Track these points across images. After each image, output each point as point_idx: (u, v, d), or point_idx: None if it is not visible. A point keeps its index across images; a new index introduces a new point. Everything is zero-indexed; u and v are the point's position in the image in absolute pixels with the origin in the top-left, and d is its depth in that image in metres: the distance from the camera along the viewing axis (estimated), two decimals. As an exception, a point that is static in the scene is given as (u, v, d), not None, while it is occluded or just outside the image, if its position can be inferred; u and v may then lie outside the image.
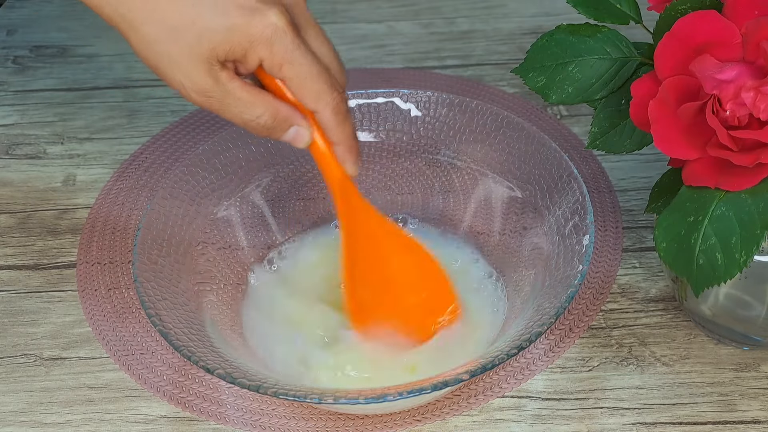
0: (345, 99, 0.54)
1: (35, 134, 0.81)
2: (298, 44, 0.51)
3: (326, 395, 0.49)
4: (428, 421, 0.58)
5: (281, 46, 0.51)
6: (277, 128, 0.54)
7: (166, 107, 0.83)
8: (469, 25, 0.92)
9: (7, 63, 0.89)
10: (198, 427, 0.58)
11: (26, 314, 0.66)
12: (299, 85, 0.53)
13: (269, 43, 0.51)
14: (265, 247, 0.66)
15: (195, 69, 0.52)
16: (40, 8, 0.96)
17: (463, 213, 0.66)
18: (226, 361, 0.52)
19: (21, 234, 0.72)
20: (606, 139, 0.57)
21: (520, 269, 0.61)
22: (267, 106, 0.53)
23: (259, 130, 0.54)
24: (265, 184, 0.66)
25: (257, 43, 0.51)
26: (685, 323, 0.63)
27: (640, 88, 0.53)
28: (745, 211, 0.50)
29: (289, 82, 0.53)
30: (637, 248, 0.68)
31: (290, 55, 0.51)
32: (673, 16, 0.52)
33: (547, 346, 0.62)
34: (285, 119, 0.54)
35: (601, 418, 0.58)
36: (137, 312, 0.65)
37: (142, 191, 0.75)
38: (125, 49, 0.89)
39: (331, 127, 0.54)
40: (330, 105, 0.53)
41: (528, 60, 0.58)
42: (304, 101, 0.53)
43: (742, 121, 0.49)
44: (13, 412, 0.60)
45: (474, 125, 0.65)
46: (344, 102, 0.54)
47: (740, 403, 0.58)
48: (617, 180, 0.73)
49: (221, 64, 0.52)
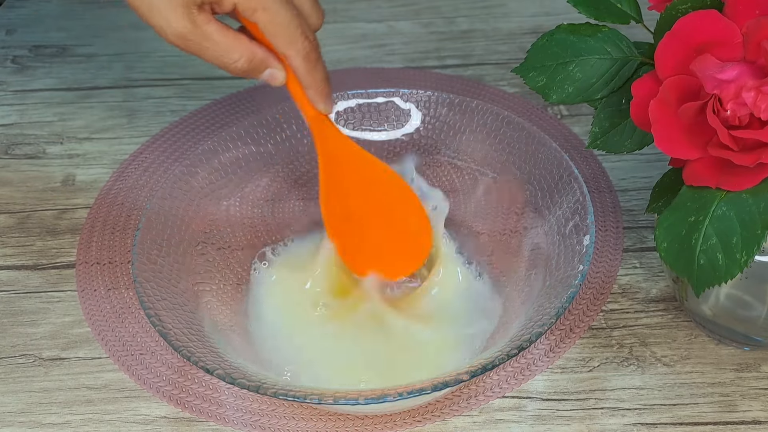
0: (316, 46, 0.57)
1: (34, 134, 0.81)
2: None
3: (326, 396, 0.49)
4: (428, 421, 0.58)
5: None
6: (253, 70, 0.57)
7: (165, 107, 0.83)
8: (469, 25, 0.92)
9: (7, 63, 0.89)
10: (197, 427, 0.58)
11: (25, 314, 0.66)
12: (271, 31, 0.55)
13: None
14: (265, 247, 0.66)
15: (173, 12, 0.53)
16: (39, 8, 0.96)
17: (463, 213, 0.66)
18: (225, 361, 0.52)
19: (20, 234, 0.72)
20: (606, 139, 0.57)
21: (521, 269, 0.61)
22: (243, 51, 0.56)
23: (236, 72, 0.56)
24: (265, 184, 0.66)
25: None
26: (685, 323, 0.63)
27: (640, 88, 0.53)
28: (746, 211, 0.50)
29: (261, 27, 0.55)
30: (637, 248, 0.68)
31: (264, 1, 0.54)
32: (674, 15, 0.52)
33: (547, 347, 0.62)
34: (261, 62, 0.56)
35: (602, 418, 0.58)
36: (137, 312, 0.65)
37: (141, 191, 0.74)
38: (125, 49, 0.90)
39: (301, 72, 0.57)
40: (300, 52, 0.56)
41: (528, 60, 0.58)
42: (276, 46, 0.56)
43: (742, 120, 0.49)
44: (12, 412, 0.59)
45: (474, 125, 0.65)
46: (315, 49, 0.57)
47: (741, 404, 0.58)
48: (618, 180, 0.73)
49: (198, 6, 0.54)
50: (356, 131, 0.67)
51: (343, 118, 0.67)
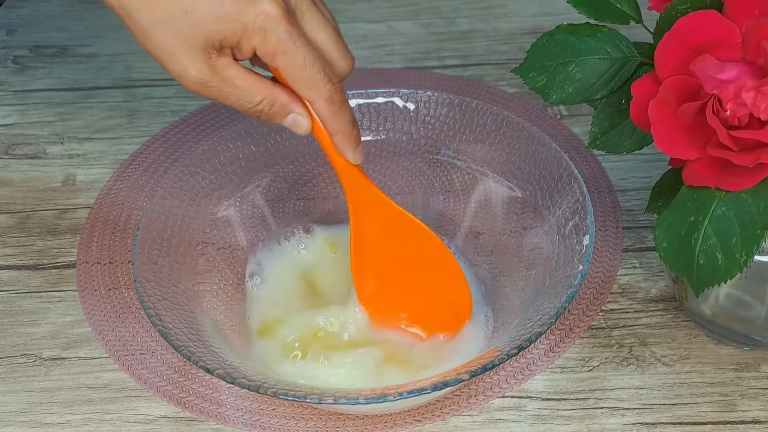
0: (340, 89, 0.54)
1: (35, 134, 0.81)
2: (290, 33, 0.51)
3: (326, 395, 0.49)
4: (428, 421, 0.58)
5: (274, 35, 0.51)
6: (275, 115, 0.54)
7: (165, 107, 0.83)
8: (469, 25, 0.92)
9: (7, 63, 0.89)
10: (198, 427, 0.58)
11: (26, 314, 0.66)
12: (292, 75, 0.53)
13: (262, 32, 0.51)
14: (265, 246, 0.66)
15: (191, 59, 0.51)
16: (39, 8, 0.96)
17: (463, 213, 0.66)
18: (225, 361, 0.52)
19: (21, 234, 0.72)
20: (606, 139, 0.57)
21: (520, 269, 0.61)
22: (265, 94, 0.53)
23: (258, 115, 0.54)
24: (265, 184, 0.66)
25: (250, 32, 0.51)
26: (685, 323, 0.63)
27: (640, 88, 0.53)
28: (746, 211, 0.50)
29: (282, 71, 0.53)
30: (637, 248, 0.68)
31: (283, 45, 0.51)
32: (674, 15, 0.52)
33: (547, 346, 0.62)
34: (283, 106, 0.54)
35: (602, 418, 0.58)
36: (137, 312, 0.65)
37: (141, 191, 0.75)
38: (125, 49, 0.90)
39: (326, 116, 0.54)
40: (323, 95, 0.53)
41: (528, 60, 0.58)
42: (298, 90, 0.53)
43: (742, 121, 0.49)
44: (12, 412, 0.60)
45: (474, 125, 0.65)
46: (339, 92, 0.54)
47: (741, 403, 0.58)
48: (617, 180, 0.73)
49: (218, 51, 0.51)
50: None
51: (343, 118, 0.67)
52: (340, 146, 0.56)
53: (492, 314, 0.61)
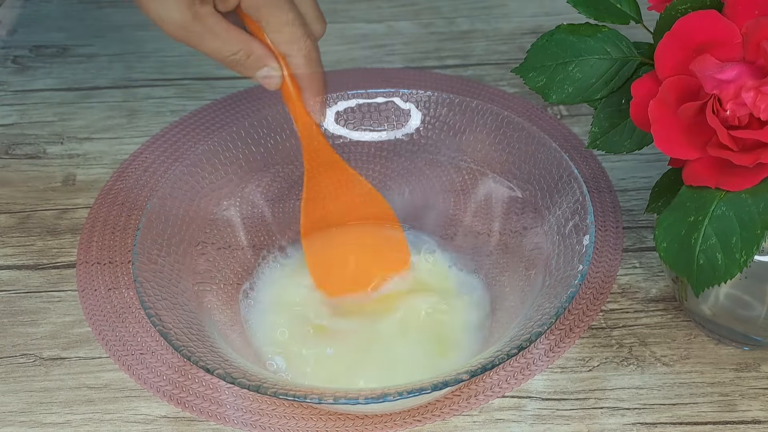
0: (317, 47, 0.57)
1: (35, 134, 0.81)
2: None
3: (326, 395, 0.49)
4: (428, 421, 0.58)
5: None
6: (250, 66, 0.57)
7: (165, 107, 0.83)
8: (469, 25, 0.92)
9: (7, 63, 0.89)
10: (198, 427, 0.58)
11: (26, 314, 0.66)
12: (274, 29, 0.55)
13: None
14: (265, 247, 0.66)
15: (175, 3, 0.53)
16: (40, 8, 0.96)
17: (463, 213, 0.66)
18: (226, 361, 0.52)
19: (21, 234, 0.72)
20: (606, 139, 0.57)
21: (520, 269, 0.61)
22: (242, 45, 0.56)
23: (233, 65, 0.57)
24: (265, 184, 0.66)
25: None
26: (685, 323, 0.63)
27: (640, 88, 0.53)
28: (746, 211, 0.50)
29: (264, 24, 0.55)
30: (637, 248, 0.68)
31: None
32: (674, 15, 0.52)
33: (547, 346, 0.62)
34: (258, 59, 0.56)
35: (602, 418, 0.58)
36: (137, 312, 0.65)
37: (142, 191, 0.75)
38: (125, 49, 0.90)
39: (301, 72, 0.57)
40: (302, 51, 0.56)
41: (528, 60, 0.58)
42: (278, 44, 0.56)
43: (742, 120, 0.49)
44: (12, 412, 0.60)
45: (474, 125, 0.65)
46: (316, 50, 0.57)
47: (740, 403, 0.58)
48: (617, 180, 0.73)
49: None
50: (356, 131, 0.67)
51: (343, 118, 0.67)
52: (308, 102, 0.59)
53: (492, 314, 0.61)
